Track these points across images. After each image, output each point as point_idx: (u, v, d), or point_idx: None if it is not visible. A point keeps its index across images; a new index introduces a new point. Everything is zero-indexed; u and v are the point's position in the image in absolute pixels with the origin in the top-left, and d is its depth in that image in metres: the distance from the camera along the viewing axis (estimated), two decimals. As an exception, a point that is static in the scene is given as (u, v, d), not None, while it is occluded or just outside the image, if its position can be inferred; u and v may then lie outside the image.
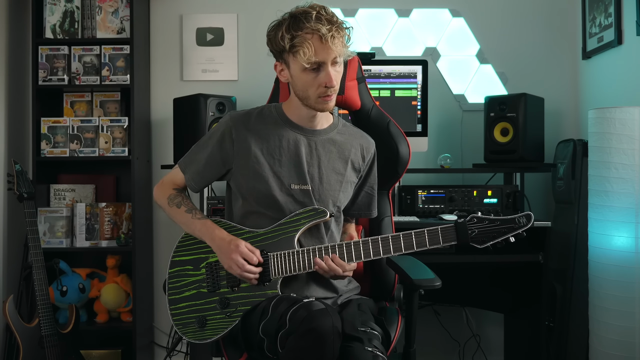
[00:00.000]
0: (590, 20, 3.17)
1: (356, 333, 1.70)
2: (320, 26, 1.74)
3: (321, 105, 1.85)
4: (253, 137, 1.91)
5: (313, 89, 1.82)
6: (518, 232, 1.79)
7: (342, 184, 1.96)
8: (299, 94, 1.87)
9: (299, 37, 1.75)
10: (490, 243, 1.79)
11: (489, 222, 1.79)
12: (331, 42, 1.75)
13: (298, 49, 1.76)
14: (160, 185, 2.04)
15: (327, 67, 1.79)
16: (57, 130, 3.20)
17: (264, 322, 1.71)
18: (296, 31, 1.75)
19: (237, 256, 1.82)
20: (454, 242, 1.81)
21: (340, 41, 1.79)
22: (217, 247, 1.88)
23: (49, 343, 2.74)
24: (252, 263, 1.83)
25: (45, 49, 3.20)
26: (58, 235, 3.17)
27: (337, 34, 1.76)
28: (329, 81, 1.79)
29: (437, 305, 3.36)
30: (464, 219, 1.81)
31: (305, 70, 1.79)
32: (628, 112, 2.48)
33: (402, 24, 3.45)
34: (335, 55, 1.78)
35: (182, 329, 1.92)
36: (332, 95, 1.83)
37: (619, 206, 2.49)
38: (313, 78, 1.80)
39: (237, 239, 1.86)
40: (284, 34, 1.77)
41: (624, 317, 2.47)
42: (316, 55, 1.76)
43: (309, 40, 1.75)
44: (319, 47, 1.76)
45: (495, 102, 3.05)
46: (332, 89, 1.81)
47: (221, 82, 3.45)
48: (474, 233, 1.79)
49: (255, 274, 1.83)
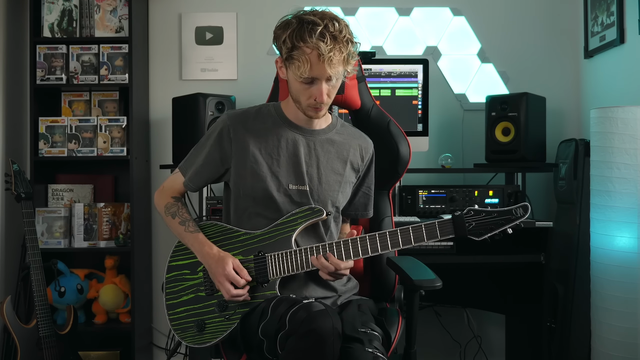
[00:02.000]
0: (592, 19, 3.17)
1: (356, 334, 1.70)
2: (321, 44, 1.71)
3: (310, 113, 1.86)
4: (251, 136, 1.91)
5: (304, 98, 1.83)
6: (515, 223, 1.78)
7: (341, 185, 1.95)
8: (292, 96, 1.88)
9: (298, 50, 1.74)
10: (488, 235, 1.78)
11: (486, 214, 1.79)
12: (327, 63, 1.73)
13: (294, 62, 1.76)
14: (161, 191, 2.03)
15: (320, 84, 1.79)
16: (55, 129, 3.18)
17: (263, 323, 1.70)
18: (297, 42, 1.74)
19: (224, 280, 1.82)
20: (451, 235, 1.80)
21: (340, 60, 1.76)
22: (207, 265, 1.88)
23: (46, 344, 2.73)
24: (239, 286, 1.82)
25: (43, 47, 3.19)
26: (56, 235, 3.16)
27: (337, 54, 1.74)
28: (319, 96, 1.80)
29: (438, 306, 3.35)
30: (461, 212, 1.80)
31: (300, 81, 1.79)
32: (630, 112, 2.47)
33: (402, 22, 3.44)
34: (331, 75, 1.77)
35: (181, 334, 1.90)
36: (322, 108, 1.84)
37: (621, 206, 2.48)
38: (305, 89, 1.81)
39: (225, 259, 1.84)
40: (287, 40, 1.76)
41: (627, 318, 2.46)
42: (311, 71, 1.75)
43: (308, 55, 1.74)
44: (315, 64, 1.74)
45: (497, 102, 3.05)
46: (323, 103, 1.82)
47: (220, 81, 3.43)
48: (471, 226, 1.78)
49: (242, 295, 1.82)
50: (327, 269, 1.81)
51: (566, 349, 2.94)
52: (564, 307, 2.95)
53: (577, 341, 2.92)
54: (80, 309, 3.23)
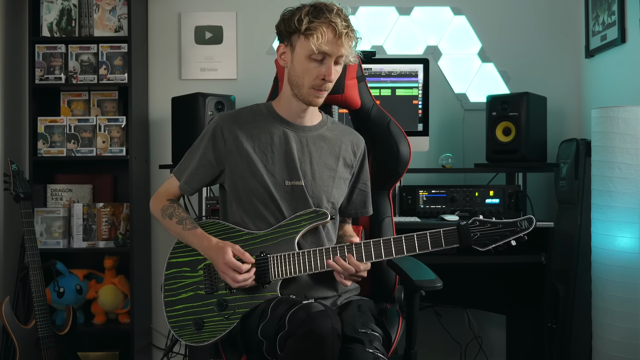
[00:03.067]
0: (593, 19, 3.16)
1: (357, 334, 1.70)
2: (338, 20, 1.80)
3: (311, 97, 1.87)
4: (244, 135, 1.92)
5: (310, 78, 1.83)
6: (519, 236, 1.81)
7: (335, 180, 1.96)
8: (294, 80, 1.88)
9: (316, 23, 1.80)
10: (492, 246, 1.81)
11: (491, 225, 1.81)
12: (344, 39, 1.81)
13: (313, 33, 1.79)
14: (156, 197, 2.04)
15: (330, 61, 1.82)
16: (54, 129, 3.18)
17: (263, 324, 1.70)
18: (316, 17, 1.80)
19: (227, 269, 1.81)
20: (456, 244, 1.82)
21: (350, 43, 1.84)
22: (210, 259, 1.87)
23: (45, 345, 2.73)
24: (241, 272, 1.81)
25: (42, 47, 3.18)
26: (55, 235, 3.15)
27: (350, 34, 1.83)
28: (328, 74, 1.82)
29: (439, 306, 3.34)
30: (467, 221, 1.82)
31: (310, 58, 1.82)
32: (632, 112, 2.47)
33: (403, 22, 3.43)
34: (342, 54, 1.83)
35: (178, 332, 1.90)
36: (324, 91, 1.86)
37: (622, 206, 2.47)
38: (314, 67, 1.82)
39: (224, 247, 1.83)
40: (302, 17, 1.81)
41: (628, 318, 2.46)
42: (327, 44, 1.79)
43: (325, 29, 1.79)
44: (331, 40, 1.80)
45: (497, 101, 3.04)
46: (327, 84, 1.84)
47: (220, 80, 3.43)
48: (476, 236, 1.80)
49: (248, 279, 1.81)
50: (348, 270, 1.81)
51: (567, 350, 2.93)
52: (564, 307, 2.94)
53: (578, 342, 2.91)
54: (79, 310, 3.22)
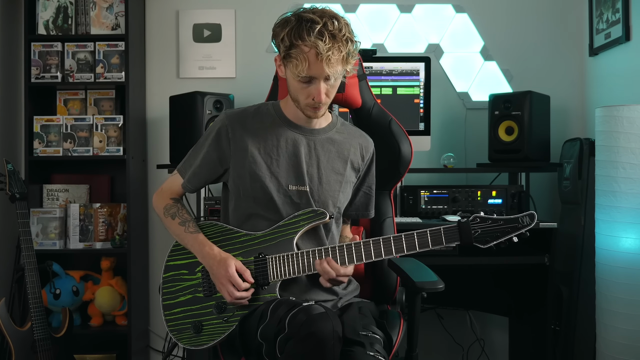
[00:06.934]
0: (597, 16, 3.15)
1: (358, 337, 1.70)
2: (319, 43, 1.69)
3: (309, 113, 1.85)
4: (250, 136, 1.89)
5: (302, 98, 1.81)
6: (521, 232, 1.79)
7: (342, 184, 1.94)
8: (291, 95, 1.87)
9: (297, 49, 1.73)
10: (493, 243, 1.79)
11: (492, 221, 1.79)
12: (326, 62, 1.72)
13: (292, 60, 1.74)
14: (159, 193, 2.02)
15: (318, 83, 1.77)
16: (50, 129, 3.16)
17: (262, 326, 1.70)
18: (296, 40, 1.72)
19: (226, 282, 1.79)
20: (457, 242, 1.80)
21: (339, 59, 1.74)
22: (208, 266, 1.86)
23: (41, 347, 2.71)
24: (241, 289, 1.79)
25: (38, 45, 3.17)
26: (51, 236, 3.13)
27: (335, 53, 1.72)
28: (317, 96, 1.78)
29: (440, 308, 3.33)
30: (467, 218, 1.80)
31: (298, 79, 1.78)
32: (636, 110, 2.46)
33: (404, 19, 3.41)
34: (329, 74, 1.75)
35: (177, 335, 1.88)
36: (320, 107, 1.82)
37: (626, 207, 2.46)
38: (303, 88, 1.79)
39: (227, 260, 1.82)
40: (285, 38, 1.75)
41: (632, 320, 2.44)
42: (309, 70, 1.74)
43: (306, 53, 1.72)
44: (313, 63, 1.72)
45: (500, 100, 3.04)
46: (321, 103, 1.80)
47: (218, 79, 3.41)
48: (477, 233, 1.79)
49: (245, 298, 1.80)
50: (327, 274, 1.79)
51: (571, 352, 2.92)
52: (568, 309, 2.92)
53: (582, 344, 2.89)
54: (75, 312, 3.21)
